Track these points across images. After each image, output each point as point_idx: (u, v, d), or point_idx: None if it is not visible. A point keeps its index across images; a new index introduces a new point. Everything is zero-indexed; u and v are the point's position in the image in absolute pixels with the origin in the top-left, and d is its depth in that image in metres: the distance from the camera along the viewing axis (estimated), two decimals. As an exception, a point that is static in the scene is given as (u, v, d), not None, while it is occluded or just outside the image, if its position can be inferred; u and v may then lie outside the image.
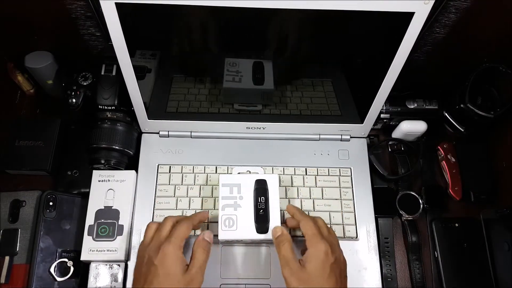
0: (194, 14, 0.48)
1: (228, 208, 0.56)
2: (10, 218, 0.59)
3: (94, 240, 0.59)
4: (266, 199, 0.57)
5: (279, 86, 0.59)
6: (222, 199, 0.57)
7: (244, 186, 0.58)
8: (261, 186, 0.58)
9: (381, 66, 0.55)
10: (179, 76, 0.59)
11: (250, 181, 0.58)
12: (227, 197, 0.57)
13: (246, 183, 0.58)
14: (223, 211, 0.56)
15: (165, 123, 0.66)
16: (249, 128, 0.67)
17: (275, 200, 0.57)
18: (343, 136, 0.69)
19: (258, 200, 0.57)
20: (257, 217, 0.56)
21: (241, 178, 0.58)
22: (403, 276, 0.64)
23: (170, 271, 0.48)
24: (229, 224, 0.55)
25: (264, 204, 0.57)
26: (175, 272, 0.48)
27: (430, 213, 0.67)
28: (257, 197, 0.57)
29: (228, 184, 0.58)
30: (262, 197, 0.57)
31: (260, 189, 0.58)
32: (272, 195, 0.57)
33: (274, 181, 0.58)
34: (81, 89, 0.63)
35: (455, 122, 0.68)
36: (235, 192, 0.57)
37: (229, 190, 0.57)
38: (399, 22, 0.48)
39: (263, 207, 0.56)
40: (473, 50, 0.63)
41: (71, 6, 0.55)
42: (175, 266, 0.48)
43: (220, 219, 0.55)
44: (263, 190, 0.57)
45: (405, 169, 0.68)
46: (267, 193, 0.57)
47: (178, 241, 0.50)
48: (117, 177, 0.63)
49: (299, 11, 0.46)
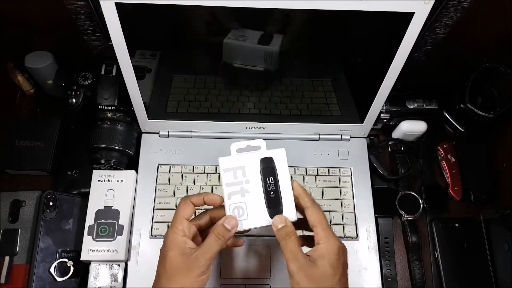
0: (194, 14, 0.48)
1: (235, 195, 0.50)
2: (10, 218, 0.59)
3: (94, 240, 0.59)
4: (275, 179, 0.50)
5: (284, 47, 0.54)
6: (227, 187, 0.49)
7: (249, 168, 0.50)
8: (268, 165, 0.51)
9: (381, 66, 0.55)
10: (179, 76, 0.59)
11: (255, 161, 0.50)
12: (232, 184, 0.50)
13: (251, 164, 0.50)
14: (229, 200, 0.49)
15: (165, 123, 0.66)
16: (249, 128, 0.67)
17: (286, 178, 0.50)
18: (343, 136, 0.69)
19: (267, 182, 0.50)
20: (269, 201, 0.50)
21: (244, 159, 0.50)
22: (403, 276, 0.64)
23: (166, 255, 0.45)
24: (239, 213, 0.49)
25: (274, 185, 0.50)
26: (171, 256, 0.45)
27: (430, 213, 0.67)
28: (265, 178, 0.50)
29: (230, 168, 0.50)
30: (271, 177, 0.50)
31: (267, 169, 0.51)
32: (281, 173, 0.50)
33: (281, 157, 0.51)
34: (81, 89, 0.63)
35: (455, 122, 0.68)
36: (240, 176, 0.50)
37: (233, 175, 0.50)
38: (399, 22, 0.48)
39: (273, 189, 0.50)
40: (473, 50, 0.63)
41: (71, 6, 0.55)
42: (171, 249, 0.45)
43: (228, 210, 0.49)
44: (270, 170, 0.51)
45: (405, 169, 0.68)
46: (276, 172, 0.50)
47: (176, 223, 0.47)
48: (117, 177, 0.63)
49: (299, 11, 0.46)
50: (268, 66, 0.57)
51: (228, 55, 0.54)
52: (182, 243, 0.46)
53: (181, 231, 0.46)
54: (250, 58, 0.55)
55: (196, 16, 0.48)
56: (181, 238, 0.46)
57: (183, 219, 0.47)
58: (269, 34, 0.52)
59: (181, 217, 0.47)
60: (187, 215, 0.48)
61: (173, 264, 0.44)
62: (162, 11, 0.47)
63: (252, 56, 0.55)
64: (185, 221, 0.47)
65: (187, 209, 0.48)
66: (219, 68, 0.57)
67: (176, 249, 0.45)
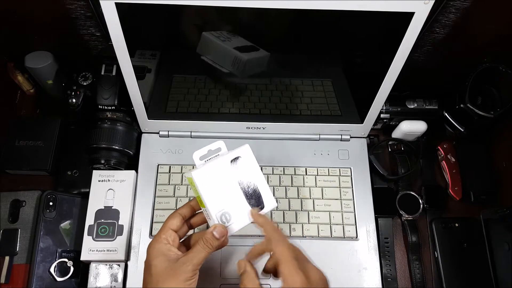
0: (194, 14, 0.48)
1: (217, 203, 0.50)
2: (10, 218, 0.59)
3: (94, 240, 0.59)
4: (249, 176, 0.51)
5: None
6: (207, 197, 0.49)
7: (222, 173, 0.51)
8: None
9: (381, 66, 0.55)
10: (179, 76, 0.59)
11: (225, 164, 0.51)
12: (210, 193, 0.50)
13: (222, 168, 0.51)
14: (214, 210, 0.50)
15: (165, 123, 0.66)
16: (249, 128, 0.67)
17: (257, 171, 0.52)
18: (343, 136, 0.69)
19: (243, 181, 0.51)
20: (249, 199, 0.51)
21: (215, 167, 0.51)
22: (403, 276, 0.64)
23: (151, 264, 0.45)
24: (226, 219, 0.50)
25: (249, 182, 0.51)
26: (156, 264, 0.45)
27: (430, 213, 0.67)
28: (240, 178, 0.51)
29: (205, 179, 0.50)
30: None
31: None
32: (252, 168, 0.52)
33: (247, 153, 0.52)
34: (81, 89, 0.63)
35: (455, 122, 0.68)
36: (216, 184, 0.50)
37: (210, 185, 0.50)
38: (399, 22, 0.48)
39: (250, 185, 0.51)
40: (473, 50, 0.63)
41: (71, 6, 0.55)
42: (155, 258, 0.45)
43: (215, 218, 0.49)
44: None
45: (405, 169, 0.68)
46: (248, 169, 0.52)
47: (159, 233, 0.47)
48: (117, 177, 0.63)
49: (299, 11, 0.46)
50: (234, 71, 0.57)
51: (203, 48, 0.54)
52: (166, 251, 0.46)
53: (165, 239, 0.47)
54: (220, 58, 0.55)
55: (196, 16, 0.48)
56: (165, 246, 0.46)
57: (168, 229, 0.48)
58: (253, 46, 0.53)
59: (167, 227, 0.48)
60: (173, 225, 0.48)
61: (159, 271, 0.44)
62: (162, 11, 0.47)
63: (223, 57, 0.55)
64: (170, 231, 0.48)
65: (174, 220, 0.49)
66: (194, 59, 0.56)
67: (160, 256, 0.45)
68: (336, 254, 0.62)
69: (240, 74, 0.57)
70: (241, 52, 0.54)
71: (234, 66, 0.56)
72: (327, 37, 0.52)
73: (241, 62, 0.55)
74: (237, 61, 0.55)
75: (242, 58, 0.54)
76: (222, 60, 0.56)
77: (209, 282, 0.59)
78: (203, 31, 0.51)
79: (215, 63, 0.56)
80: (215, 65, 0.56)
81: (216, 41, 0.52)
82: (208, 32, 0.51)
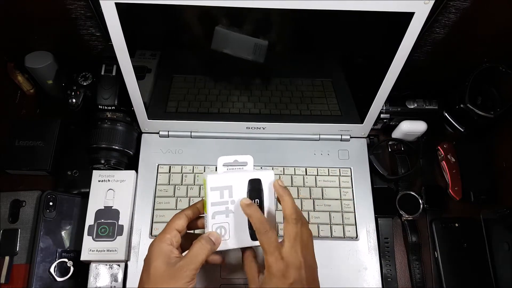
0: (194, 14, 0.48)
1: (219, 215, 0.49)
2: (10, 218, 0.59)
3: (94, 240, 0.59)
4: (261, 201, 0.50)
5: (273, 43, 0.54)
6: (212, 206, 0.49)
7: (236, 188, 0.50)
8: (256, 187, 0.50)
9: (381, 66, 0.55)
10: (179, 76, 0.59)
11: (242, 181, 0.50)
12: (217, 203, 0.49)
13: (238, 184, 0.50)
14: (213, 220, 0.49)
15: (165, 123, 0.66)
16: (249, 128, 0.67)
17: (271, 200, 0.51)
18: (343, 136, 0.69)
19: None
20: (251, 226, 0.49)
21: (233, 179, 0.50)
22: (403, 276, 0.64)
23: (151, 264, 0.45)
24: (221, 233, 0.49)
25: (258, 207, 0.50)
26: (156, 265, 0.45)
27: (430, 213, 0.67)
28: (251, 200, 0.50)
29: (218, 187, 0.49)
30: (257, 200, 0.50)
31: (254, 190, 0.50)
32: (267, 195, 0.51)
33: (269, 179, 0.51)
34: (81, 89, 0.63)
35: (455, 122, 0.68)
36: (226, 196, 0.49)
37: (220, 195, 0.49)
38: (399, 22, 0.48)
39: None
40: (473, 50, 0.63)
41: (71, 6, 0.55)
42: (156, 259, 0.45)
43: (211, 229, 0.49)
44: (257, 191, 0.50)
45: (405, 169, 0.68)
46: (262, 194, 0.50)
47: (164, 233, 0.47)
48: (117, 177, 0.63)
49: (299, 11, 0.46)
50: (257, 58, 0.55)
51: (218, 42, 0.53)
52: (168, 252, 0.46)
53: (169, 239, 0.47)
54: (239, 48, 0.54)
55: (196, 16, 0.48)
56: (168, 247, 0.46)
57: (173, 229, 0.48)
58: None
59: (172, 227, 0.48)
60: (178, 226, 0.48)
61: (158, 274, 0.44)
62: (162, 11, 0.47)
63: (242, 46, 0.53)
64: (175, 231, 0.48)
65: (179, 220, 0.49)
66: (210, 57, 0.55)
67: (161, 258, 0.45)
68: (336, 254, 0.62)
69: (263, 60, 0.55)
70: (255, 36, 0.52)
71: (256, 53, 0.54)
72: (327, 37, 0.52)
73: (263, 47, 0.53)
74: (257, 47, 0.53)
75: (263, 43, 0.52)
76: (241, 50, 0.54)
77: (209, 282, 0.59)
78: (215, 26, 0.50)
79: (234, 54, 0.54)
80: (236, 56, 0.54)
81: (232, 33, 0.51)
82: (219, 26, 0.50)
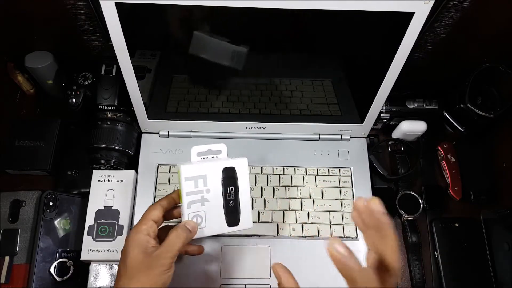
0: (194, 14, 0.48)
1: (194, 204, 0.50)
2: (10, 218, 0.59)
3: (94, 240, 0.59)
4: (235, 188, 0.51)
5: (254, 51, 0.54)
6: (187, 195, 0.49)
7: (211, 177, 0.50)
8: (230, 175, 0.51)
9: (381, 66, 0.55)
10: (179, 76, 0.59)
11: (217, 170, 0.51)
12: (192, 192, 0.50)
13: (212, 173, 0.50)
14: (189, 209, 0.49)
15: (165, 123, 0.66)
16: (249, 128, 0.67)
17: (246, 187, 0.52)
18: (343, 136, 0.69)
19: (227, 191, 0.51)
20: (227, 210, 0.51)
21: (206, 168, 0.50)
22: (403, 276, 0.64)
23: (128, 255, 0.45)
24: (198, 221, 0.50)
25: (233, 195, 0.51)
26: (132, 255, 0.45)
27: (430, 213, 0.67)
28: (225, 187, 0.51)
29: (192, 177, 0.50)
30: (231, 187, 0.51)
31: (228, 178, 0.51)
32: (242, 182, 0.51)
33: (243, 167, 0.52)
34: (81, 89, 0.63)
35: (455, 122, 0.68)
36: (201, 185, 0.50)
37: (194, 184, 0.50)
38: (399, 22, 0.48)
39: (233, 198, 0.51)
40: (473, 50, 0.63)
41: (71, 6, 0.55)
42: (133, 249, 0.45)
43: (187, 218, 0.50)
44: (232, 179, 0.51)
45: (405, 169, 0.68)
46: (237, 182, 0.51)
47: (140, 224, 0.47)
48: (117, 177, 0.63)
49: (299, 11, 0.46)
50: (234, 65, 0.56)
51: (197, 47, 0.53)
52: (144, 242, 0.46)
53: (145, 230, 0.47)
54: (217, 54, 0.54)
55: (196, 16, 0.48)
56: (144, 237, 0.46)
57: (149, 220, 0.48)
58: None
59: (148, 218, 0.48)
60: (154, 216, 0.48)
61: (134, 263, 0.45)
62: (162, 11, 0.47)
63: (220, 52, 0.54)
64: (151, 222, 0.48)
65: (155, 211, 0.49)
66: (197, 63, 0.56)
67: (138, 248, 0.45)
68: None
69: (241, 68, 0.56)
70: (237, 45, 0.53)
71: (233, 60, 0.55)
72: (327, 37, 0.52)
73: (241, 55, 0.54)
74: (236, 55, 0.54)
75: (241, 50, 0.53)
76: (219, 56, 0.55)
77: (209, 282, 0.59)
78: (195, 31, 0.50)
79: (213, 60, 0.55)
80: (214, 62, 0.55)
81: (211, 38, 0.52)
82: (199, 31, 0.50)
